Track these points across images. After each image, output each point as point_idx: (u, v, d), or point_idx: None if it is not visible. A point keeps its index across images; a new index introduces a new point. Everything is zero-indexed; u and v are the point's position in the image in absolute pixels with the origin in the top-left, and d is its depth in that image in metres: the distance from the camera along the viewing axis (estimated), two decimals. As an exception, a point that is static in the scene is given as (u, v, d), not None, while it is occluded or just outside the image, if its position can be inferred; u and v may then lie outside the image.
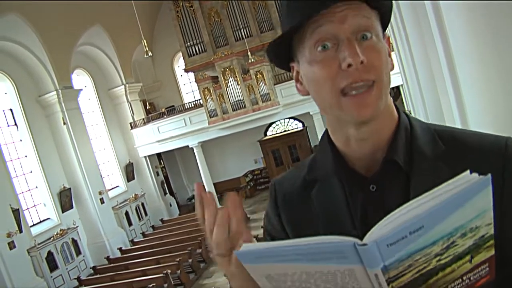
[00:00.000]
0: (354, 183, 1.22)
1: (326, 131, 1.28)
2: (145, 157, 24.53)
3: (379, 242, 0.87)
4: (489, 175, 0.86)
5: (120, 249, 18.54)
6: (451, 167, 1.12)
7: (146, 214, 23.06)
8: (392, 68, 1.19)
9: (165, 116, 23.78)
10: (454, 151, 1.16)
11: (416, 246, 0.88)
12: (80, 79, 22.44)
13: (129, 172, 23.77)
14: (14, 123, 18.14)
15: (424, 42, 3.67)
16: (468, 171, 0.88)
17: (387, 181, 1.18)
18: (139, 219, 22.42)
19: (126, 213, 21.53)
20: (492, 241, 0.93)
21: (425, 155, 1.17)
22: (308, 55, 1.15)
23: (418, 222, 0.86)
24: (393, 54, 13.62)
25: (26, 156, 18.22)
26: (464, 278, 0.94)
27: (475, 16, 1.61)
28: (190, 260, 14.99)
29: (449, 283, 0.94)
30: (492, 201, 1.06)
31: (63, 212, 18.57)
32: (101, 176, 20.77)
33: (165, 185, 26.51)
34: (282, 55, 1.23)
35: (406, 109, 15.43)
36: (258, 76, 20.69)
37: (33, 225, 17.35)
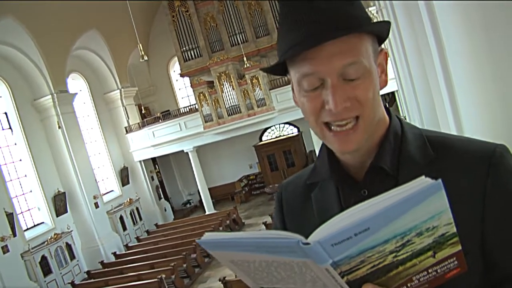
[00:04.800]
0: (347, 187, 1.27)
1: None
2: (140, 161, 24.48)
3: (322, 242, 0.89)
4: (440, 180, 0.87)
5: (114, 253, 18.44)
6: (439, 172, 1.13)
7: (140, 219, 22.99)
8: (385, 85, 1.24)
9: (160, 120, 23.77)
10: (442, 157, 1.18)
11: (366, 245, 0.90)
12: (76, 83, 22.41)
13: (124, 176, 23.71)
14: (8, 127, 18.07)
15: (418, 46, 3.70)
16: (423, 176, 0.89)
17: (377, 185, 1.21)
18: (134, 223, 22.35)
19: (121, 218, 21.46)
20: (456, 238, 0.94)
21: (413, 160, 1.20)
22: (295, 82, 1.19)
23: (363, 224, 0.88)
24: (388, 60, 13.66)
25: (20, 160, 18.15)
26: (430, 270, 0.96)
27: (469, 16, 1.63)
28: (185, 265, 14.95)
29: (413, 275, 0.96)
30: (474, 206, 1.10)
31: (57, 216, 18.47)
32: (95, 180, 20.69)
33: (160, 189, 26.45)
34: (277, 71, 1.27)
35: (401, 114, 15.48)
36: (253, 81, 20.71)
37: (27, 229, 17.26)
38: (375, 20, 1.18)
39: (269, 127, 24.91)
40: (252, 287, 1.09)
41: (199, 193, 24.52)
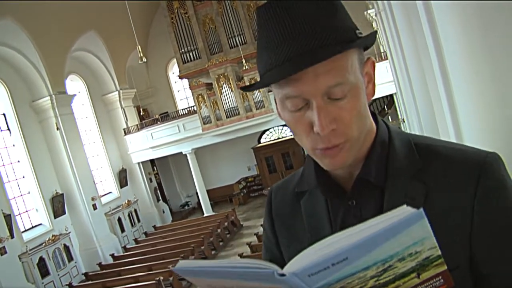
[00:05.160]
0: (335, 197, 1.24)
1: None
2: (138, 163, 24.47)
3: (298, 273, 0.87)
4: (421, 209, 0.84)
5: (112, 255, 18.45)
6: (426, 182, 1.12)
7: (138, 221, 22.97)
8: (373, 95, 1.19)
9: (158, 122, 23.75)
10: (430, 166, 1.14)
11: (345, 273, 0.87)
12: (74, 85, 22.39)
13: (122, 178, 23.69)
14: (7, 128, 18.05)
15: (417, 48, 3.69)
16: (404, 205, 0.85)
17: (364, 196, 1.19)
18: (132, 225, 22.33)
19: (119, 219, 21.44)
20: (441, 260, 0.91)
21: (401, 170, 1.16)
22: (278, 100, 1.15)
23: (341, 254, 0.85)
24: (386, 63, 13.68)
25: (18, 161, 18.14)
26: None
27: (467, 16, 1.62)
28: (182, 267, 14.91)
29: None
30: (463, 217, 1.06)
31: (55, 217, 18.46)
32: (94, 182, 20.69)
33: (158, 191, 26.44)
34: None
35: (400, 117, 15.49)
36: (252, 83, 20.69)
37: (25, 230, 17.24)
38: (373, 23, 1.16)
39: (268, 129, 24.89)
40: None
41: (197, 195, 24.49)
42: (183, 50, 24.13)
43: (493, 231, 1.06)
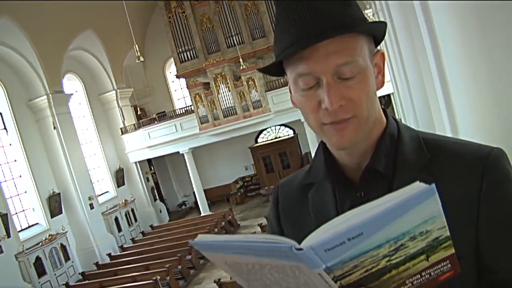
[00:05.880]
0: (343, 189, 1.27)
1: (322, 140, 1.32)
2: (135, 162, 24.44)
3: (315, 247, 0.89)
4: (433, 185, 0.87)
5: (109, 255, 18.42)
6: (434, 176, 1.14)
7: (135, 220, 22.96)
8: (382, 86, 1.23)
9: (156, 121, 23.75)
10: (438, 160, 1.17)
11: (359, 250, 0.89)
12: (71, 84, 22.37)
13: (119, 177, 23.66)
14: (3, 127, 18.01)
15: (414, 48, 3.69)
16: (417, 181, 0.88)
17: (372, 188, 1.21)
18: (129, 225, 22.31)
19: (116, 219, 21.42)
20: (449, 242, 0.94)
21: (409, 163, 1.19)
22: (292, 81, 1.20)
23: (356, 229, 0.87)
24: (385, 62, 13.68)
25: (15, 161, 18.09)
26: (423, 273, 0.96)
27: (465, 16, 1.62)
28: (179, 267, 14.91)
29: (407, 279, 0.96)
30: (468, 210, 1.10)
31: (52, 217, 18.42)
32: (91, 181, 20.65)
33: (155, 191, 26.39)
34: (274, 71, 1.27)
35: (397, 117, 15.47)
36: (249, 83, 20.71)
37: (22, 230, 17.20)
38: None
39: (265, 129, 24.90)
40: None
41: (194, 194, 24.51)
42: (180, 49, 24.12)
43: (497, 224, 1.10)
